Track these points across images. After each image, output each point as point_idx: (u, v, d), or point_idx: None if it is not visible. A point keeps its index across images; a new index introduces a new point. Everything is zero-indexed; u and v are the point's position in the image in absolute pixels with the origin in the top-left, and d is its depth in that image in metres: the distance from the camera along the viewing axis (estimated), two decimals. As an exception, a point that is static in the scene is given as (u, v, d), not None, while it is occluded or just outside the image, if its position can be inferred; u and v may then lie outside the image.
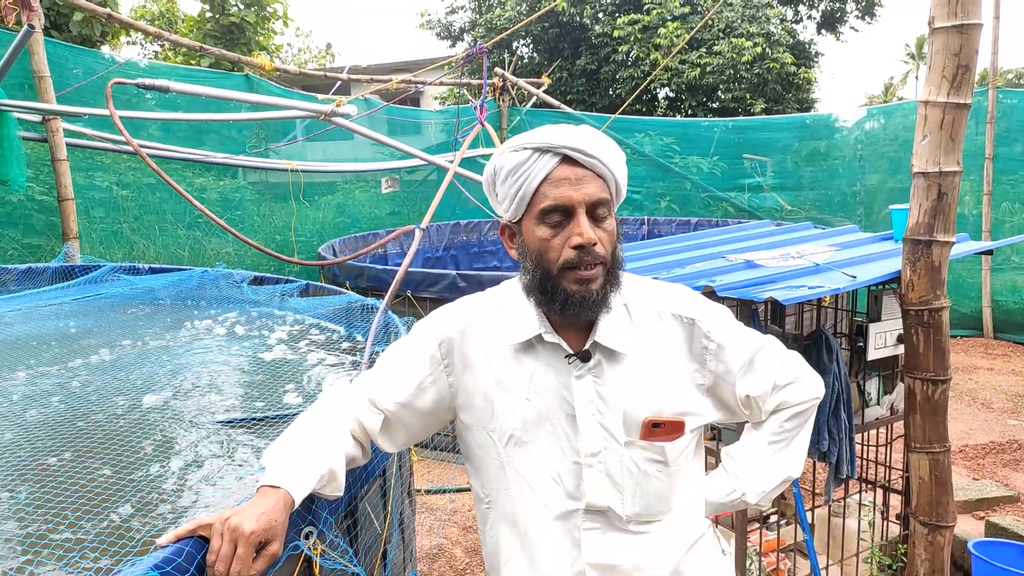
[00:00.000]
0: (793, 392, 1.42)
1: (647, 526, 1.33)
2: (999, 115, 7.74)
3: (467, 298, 1.46)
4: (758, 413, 1.43)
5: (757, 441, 1.46)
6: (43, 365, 2.53)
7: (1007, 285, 7.95)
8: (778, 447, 1.44)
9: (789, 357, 1.44)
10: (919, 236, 2.78)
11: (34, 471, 1.69)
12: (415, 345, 1.41)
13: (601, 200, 1.25)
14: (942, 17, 2.63)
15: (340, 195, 8.49)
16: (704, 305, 1.40)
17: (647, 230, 9.25)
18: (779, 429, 1.43)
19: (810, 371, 1.46)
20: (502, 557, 1.40)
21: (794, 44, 14.33)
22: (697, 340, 1.35)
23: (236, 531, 1.10)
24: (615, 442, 1.30)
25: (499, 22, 14.99)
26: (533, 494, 1.33)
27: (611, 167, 1.27)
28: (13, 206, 5.56)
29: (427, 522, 4.20)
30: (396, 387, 1.39)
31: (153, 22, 13.75)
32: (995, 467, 4.82)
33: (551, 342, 1.32)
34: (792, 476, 1.46)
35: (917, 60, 43.39)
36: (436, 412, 1.41)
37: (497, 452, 1.36)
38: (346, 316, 3.20)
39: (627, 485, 1.31)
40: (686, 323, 1.36)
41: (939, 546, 2.93)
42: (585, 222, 1.23)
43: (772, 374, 1.40)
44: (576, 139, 1.25)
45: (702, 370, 1.36)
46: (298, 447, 1.28)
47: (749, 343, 1.40)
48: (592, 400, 1.30)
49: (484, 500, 1.43)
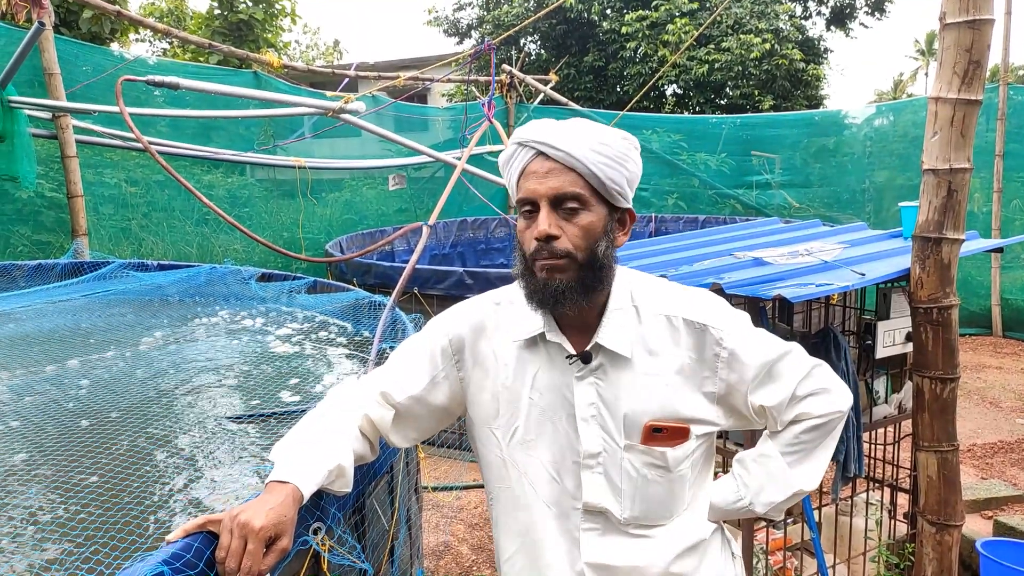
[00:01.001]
0: (814, 404, 1.35)
1: (647, 530, 1.33)
2: (1010, 112, 7.69)
3: (479, 296, 1.47)
4: (774, 423, 1.38)
5: (770, 451, 1.41)
6: (50, 361, 2.54)
7: (1016, 283, 7.90)
8: (792, 459, 1.39)
9: (814, 367, 1.37)
10: (929, 233, 2.77)
11: (41, 468, 1.71)
12: (427, 340, 1.43)
13: (568, 194, 1.24)
14: (953, 12, 2.61)
15: (348, 192, 8.50)
16: (719, 311, 1.36)
17: (654, 227, 9.23)
18: (795, 441, 1.38)
19: (837, 383, 1.39)
20: (504, 554, 1.41)
21: (803, 40, 14.25)
22: (709, 347, 1.32)
23: (246, 527, 1.10)
24: (615, 445, 1.30)
25: (507, 18, 14.96)
26: (534, 492, 1.34)
27: (584, 160, 1.24)
28: (23, 202, 5.59)
29: (433, 519, 4.21)
30: (409, 381, 1.40)
31: (162, 19, 13.81)
32: (1004, 466, 4.80)
33: (553, 342, 1.32)
34: (805, 491, 1.41)
35: (927, 56, 43.11)
36: (448, 407, 1.42)
37: (500, 450, 1.37)
38: (353, 313, 3.20)
39: (626, 488, 1.30)
40: (697, 329, 1.32)
41: (947, 545, 2.92)
42: (544, 216, 1.24)
43: (790, 385, 1.34)
44: (547, 133, 1.26)
45: (713, 378, 1.33)
46: (306, 443, 1.28)
47: (765, 352, 1.34)
48: (592, 402, 1.30)
49: (489, 499, 1.45)
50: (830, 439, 1.39)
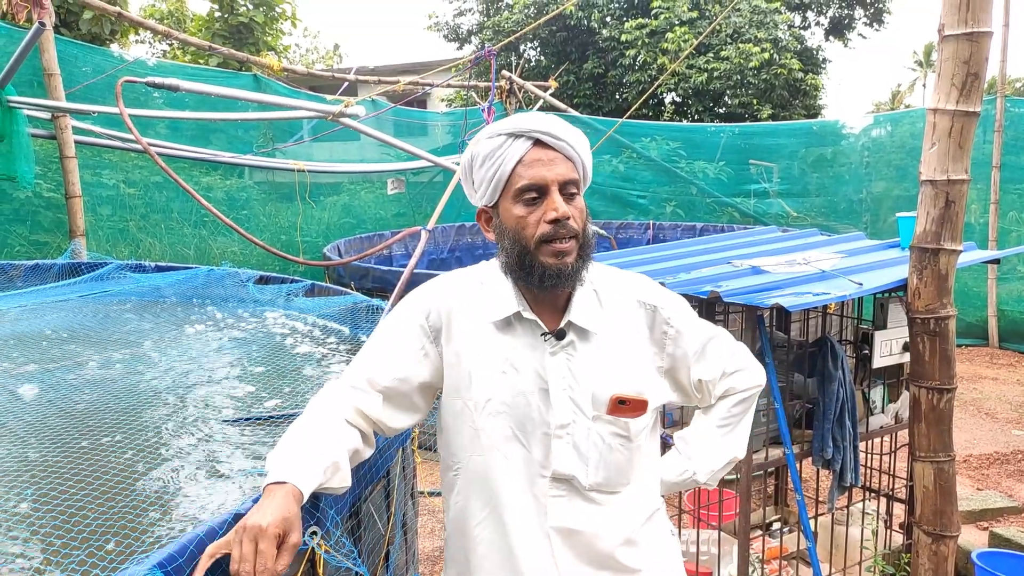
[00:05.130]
0: (740, 379, 1.55)
1: (607, 496, 1.42)
2: (1007, 124, 7.72)
3: (449, 274, 1.54)
4: (708, 397, 1.56)
5: (707, 425, 1.60)
6: (44, 361, 2.53)
7: (1013, 295, 7.92)
8: (725, 431, 1.58)
9: (737, 348, 1.58)
10: (926, 244, 2.77)
11: (32, 470, 1.70)
12: (404, 320, 1.47)
13: (571, 179, 1.36)
14: (952, 24, 2.63)
15: (346, 196, 8.50)
16: (665, 294, 1.51)
17: (652, 234, 9.24)
18: (727, 414, 1.57)
19: (754, 361, 1.60)
20: (473, 519, 1.45)
21: (802, 50, 14.31)
22: (658, 326, 1.46)
23: (253, 529, 1.11)
24: (583, 416, 1.38)
25: (507, 25, 14.99)
26: (505, 461, 1.40)
27: (578, 150, 1.38)
28: (21, 202, 5.59)
29: (429, 524, 4.20)
30: (392, 363, 1.43)
31: (162, 21, 13.82)
32: (999, 478, 4.80)
33: (529, 319, 1.40)
34: (738, 457, 1.60)
35: (925, 68, 43.32)
36: (431, 382, 1.47)
37: (472, 420, 1.42)
38: (351, 317, 3.20)
39: (592, 456, 1.39)
40: (649, 309, 1.46)
41: (943, 556, 2.92)
42: (559, 198, 1.33)
43: (722, 362, 1.53)
44: (546, 124, 1.36)
45: (661, 353, 1.47)
46: (298, 444, 1.29)
47: (703, 331, 1.52)
48: (564, 376, 1.39)
49: (453, 467, 1.48)
50: (751, 410, 1.61)
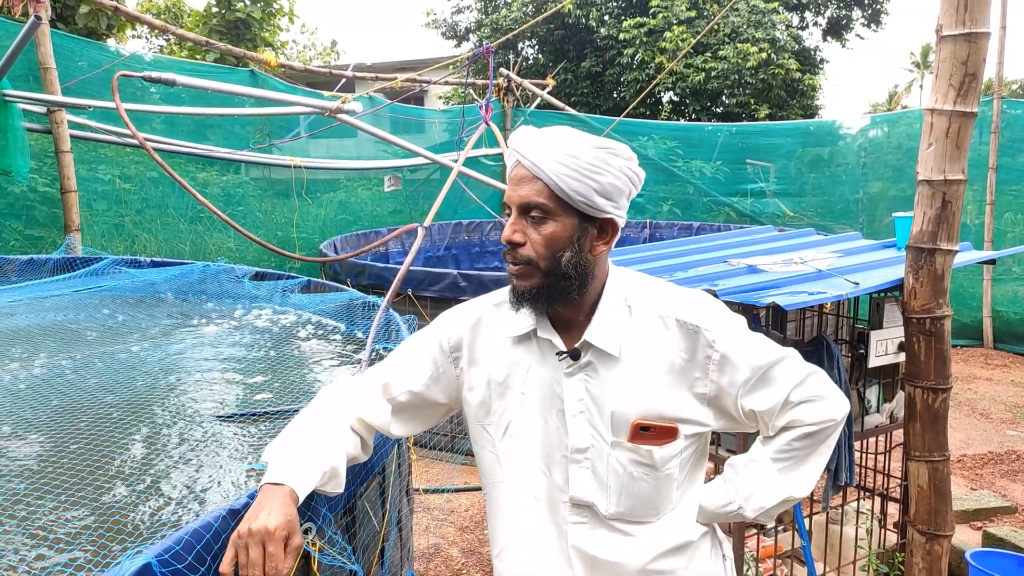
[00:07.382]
0: (808, 411, 1.34)
1: (633, 527, 1.34)
2: (1003, 125, 7.73)
3: (480, 297, 1.50)
4: (766, 428, 1.38)
5: (761, 457, 1.40)
6: (39, 356, 2.52)
7: (1008, 295, 7.94)
8: (783, 465, 1.37)
9: (809, 374, 1.36)
10: (923, 244, 2.78)
11: (29, 464, 1.69)
12: (428, 338, 1.46)
13: (532, 203, 1.26)
14: (950, 25, 2.63)
15: (342, 192, 8.48)
16: (714, 314, 1.35)
17: (649, 233, 9.25)
18: (787, 448, 1.36)
19: (833, 391, 1.37)
20: (496, 547, 1.44)
21: (799, 50, 14.31)
22: (701, 349, 1.32)
23: (260, 533, 1.11)
24: (602, 441, 1.32)
25: (505, 23, 14.97)
26: (525, 486, 1.37)
27: (547, 171, 1.23)
28: (16, 197, 5.56)
29: (424, 521, 4.19)
30: (408, 377, 1.43)
31: (159, 16, 13.76)
32: (993, 477, 4.81)
33: (544, 338, 1.35)
34: (796, 497, 1.39)
35: (922, 69, 43.36)
36: (446, 404, 1.46)
37: (493, 445, 1.40)
38: (347, 313, 3.20)
39: (612, 484, 1.32)
40: (690, 330, 1.32)
41: (937, 555, 2.92)
42: (510, 222, 1.29)
43: (783, 390, 1.33)
44: (522, 143, 1.28)
45: (704, 379, 1.33)
46: (299, 444, 1.29)
47: (758, 356, 1.33)
48: (581, 398, 1.32)
49: (485, 492, 1.48)
50: (824, 447, 1.38)
